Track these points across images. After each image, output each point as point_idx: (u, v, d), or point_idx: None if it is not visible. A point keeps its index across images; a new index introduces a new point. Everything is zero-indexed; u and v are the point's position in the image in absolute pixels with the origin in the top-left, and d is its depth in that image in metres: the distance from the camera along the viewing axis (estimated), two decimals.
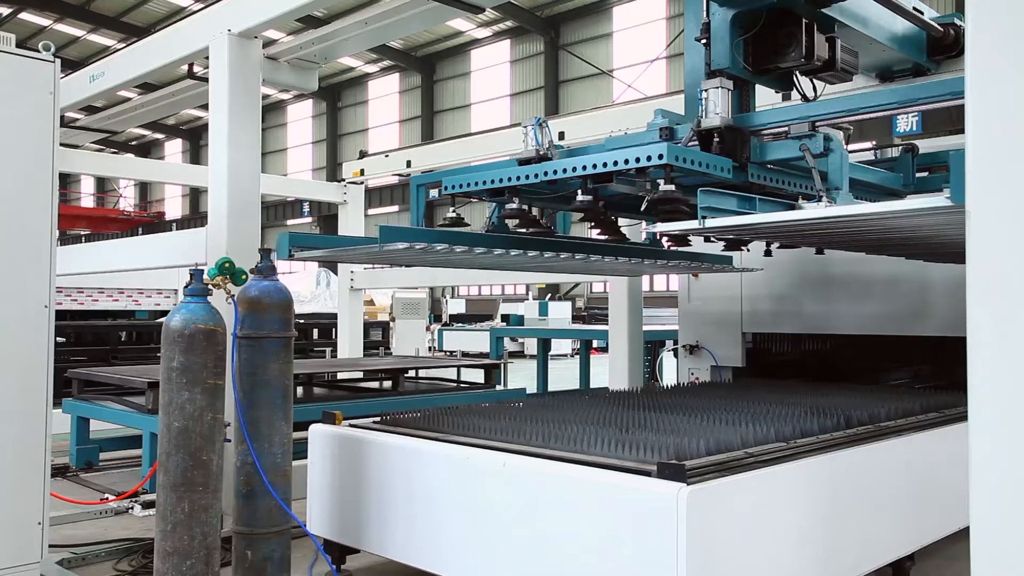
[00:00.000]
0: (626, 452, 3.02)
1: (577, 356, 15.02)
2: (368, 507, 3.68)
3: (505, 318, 25.57)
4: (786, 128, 3.54)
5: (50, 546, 3.57)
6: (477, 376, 7.84)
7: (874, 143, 4.64)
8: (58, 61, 3.51)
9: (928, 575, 4.02)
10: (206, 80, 5.14)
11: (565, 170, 3.39)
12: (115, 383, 6.35)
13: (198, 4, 12.83)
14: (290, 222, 38.91)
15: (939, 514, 3.97)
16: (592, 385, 10.74)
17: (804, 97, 4.24)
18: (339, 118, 40.04)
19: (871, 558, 3.51)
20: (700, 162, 3.25)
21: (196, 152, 44.94)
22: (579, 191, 3.44)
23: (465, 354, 20.60)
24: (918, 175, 4.47)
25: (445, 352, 23.22)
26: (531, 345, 20.44)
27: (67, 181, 37.39)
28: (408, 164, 8.61)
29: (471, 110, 34.79)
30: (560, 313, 25.15)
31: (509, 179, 3.57)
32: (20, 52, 3.41)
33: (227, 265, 3.48)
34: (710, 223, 3.19)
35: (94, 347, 9.43)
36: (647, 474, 2.77)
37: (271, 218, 38.47)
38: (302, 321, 11.21)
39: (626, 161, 3.19)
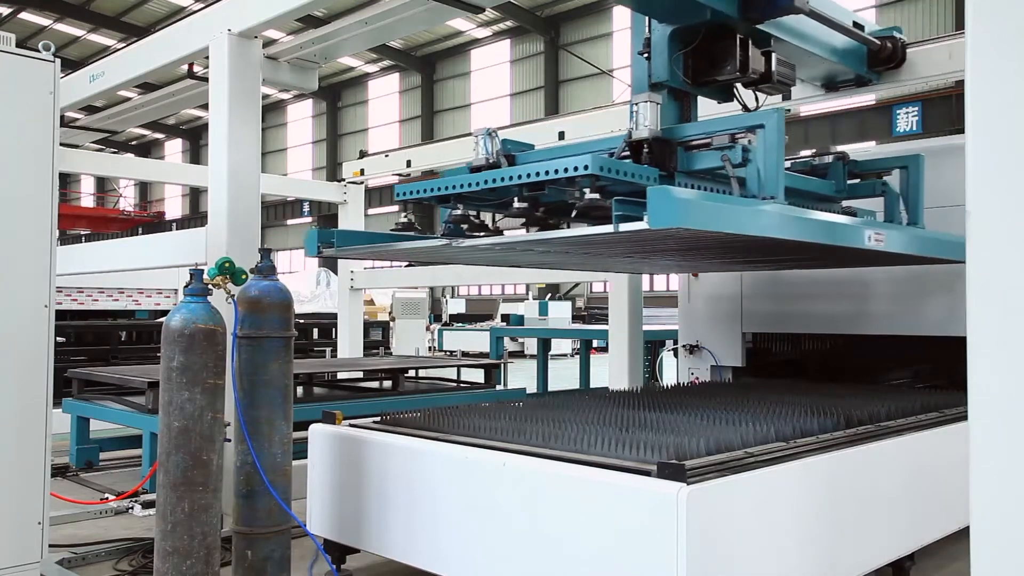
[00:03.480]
0: (626, 452, 3.02)
1: (577, 356, 15.02)
2: (368, 507, 3.68)
3: (505, 318, 25.57)
4: (709, 140, 3.73)
5: (50, 546, 3.57)
6: (477, 376, 7.84)
7: (815, 150, 4.80)
8: (58, 61, 3.51)
9: (928, 575, 4.02)
10: (206, 80, 5.13)
11: (502, 179, 3.54)
12: (115, 383, 6.35)
13: (198, 4, 12.83)
14: (290, 222, 38.92)
15: (939, 514, 3.97)
16: (592, 385, 10.75)
17: (745, 108, 4.54)
18: (339, 118, 40.04)
19: (871, 558, 3.51)
20: (624, 172, 3.41)
21: (196, 152, 44.94)
22: (515, 198, 3.64)
23: (465, 354, 20.61)
24: (851, 181, 4.70)
25: (445, 352, 23.22)
26: (531, 345, 20.44)
27: (67, 181, 37.40)
28: (408, 164, 8.60)
29: (471, 110, 34.80)
30: (560, 313, 25.16)
31: (452, 187, 3.74)
32: (20, 52, 3.41)
33: (227, 265, 3.48)
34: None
35: (94, 347, 9.43)
36: (647, 474, 2.77)
37: (271, 218, 38.48)
38: (302, 321, 11.21)
39: (556, 171, 3.35)
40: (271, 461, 3.52)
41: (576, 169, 3.27)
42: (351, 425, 3.94)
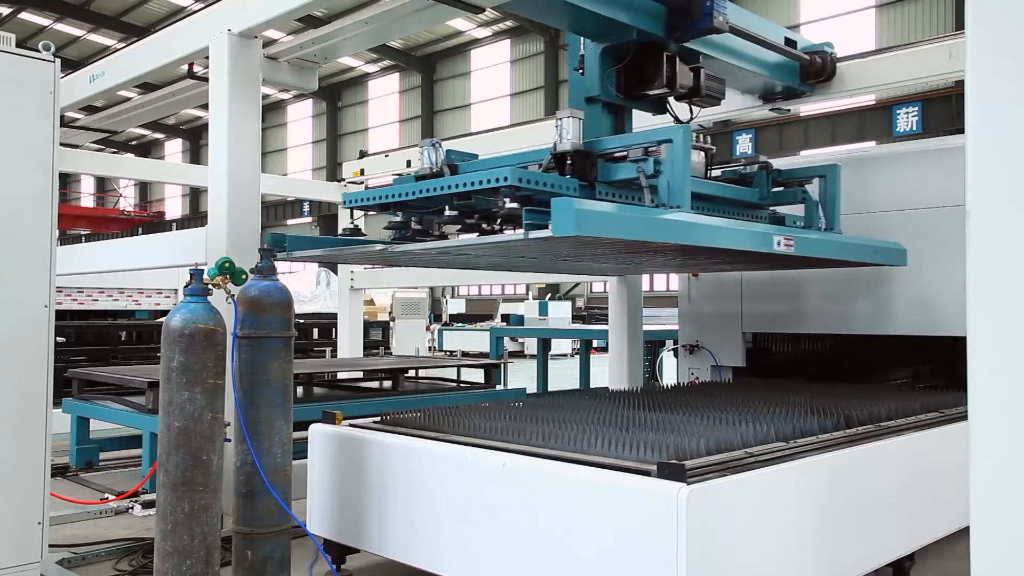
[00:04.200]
0: (626, 452, 3.02)
1: (577, 356, 15.02)
2: (368, 507, 3.68)
3: (505, 318, 25.57)
4: (626, 152, 3.99)
5: (50, 546, 3.57)
6: (477, 376, 7.84)
7: (744, 161, 5.03)
8: (58, 61, 3.51)
9: (928, 575, 4.02)
10: (206, 80, 5.13)
11: (432, 189, 3.80)
12: (115, 383, 6.35)
13: (198, 4, 12.82)
14: (290, 222, 38.91)
15: (939, 514, 3.97)
16: (592, 385, 10.75)
17: (677, 120, 4.86)
18: (339, 118, 40.03)
19: (871, 558, 3.51)
20: (541, 182, 3.65)
21: (196, 152, 44.94)
22: (446, 207, 3.93)
23: (465, 354, 20.60)
24: (776, 189, 4.95)
25: (445, 352, 23.22)
26: (531, 345, 20.44)
27: (67, 181, 37.38)
28: (408, 164, 8.60)
29: (471, 110, 34.79)
30: (560, 313, 25.16)
31: (391, 196, 4.02)
32: (20, 52, 3.41)
33: (227, 265, 3.48)
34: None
35: (94, 347, 9.43)
36: (647, 474, 2.77)
37: (271, 218, 38.47)
38: (302, 321, 11.21)
39: (479, 183, 3.60)
40: (271, 461, 3.52)
41: (497, 180, 3.53)
42: (351, 425, 3.94)
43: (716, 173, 4.92)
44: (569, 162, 3.92)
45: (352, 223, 4.44)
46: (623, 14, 4.28)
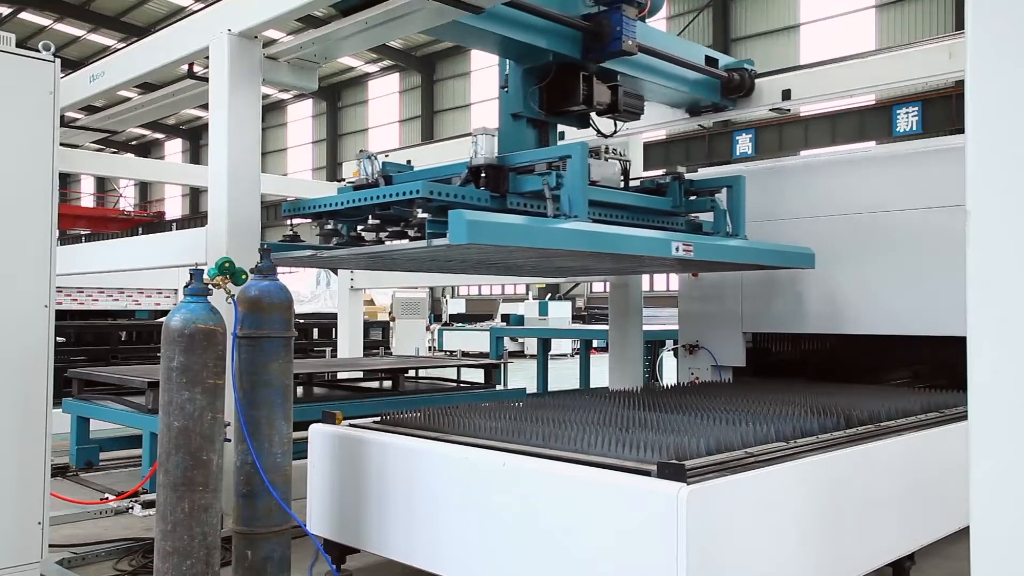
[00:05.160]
0: (626, 452, 3.02)
1: (577, 356, 15.01)
2: (368, 507, 3.68)
3: (505, 318, 25.58)
4: (533, 166, 4.37)
5: (50, 546, 3.57)
6: (477, 376, 7.84)
7: (665, 170, 5.34)
8: (58, 61, 3.51)
9: (928, 575, 4.02)
10: (206, 80, 5.13)
11: (354, 200, 4.24)
12: (115, 383, 6.35)
13: (198, 4, 12.82)
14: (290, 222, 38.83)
15: (939, 514, 3.97)
16: (592, 385, 10.74)
17: (600, 133, 5.39)
18: (339, 118, 40.03)
19: (871, 558, 3.51)
20: (453, 194, 4.09)
21: (196, 152, 44.92)
22: (369, 216, 4.30)
23: (465, 354, 20.61)
24: (690, 198, 5.32)
25: (445, 352, 23.22)
26: (531, 345, 20.44)
27: (67, 181, 37.38)
28: (408, 163, 8.59)
29: (471, 110, 34.77)
30: (560, 313, 25.15)
31: (322, 206, 4.44)
32: (20, 52, 3.41)
33: (227, 265, 3.48)
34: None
35: (94, 347, 9.42)
36: (647, 474, 2.77)
37: (271, 218, 38.42)
38: (302, 321, 11.21)
39: (396, 195, 4.04)
40: (271, 461, 3.52)
41: (410, 193, 3.96)
42: (351, 425, 3.94)
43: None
44: (483, 175, 4.31)
45: (292, 230, 4.73)
46: (540, 39, 4.70)
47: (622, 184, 5.02)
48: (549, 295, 28.83)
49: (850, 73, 5.99)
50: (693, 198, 5.30)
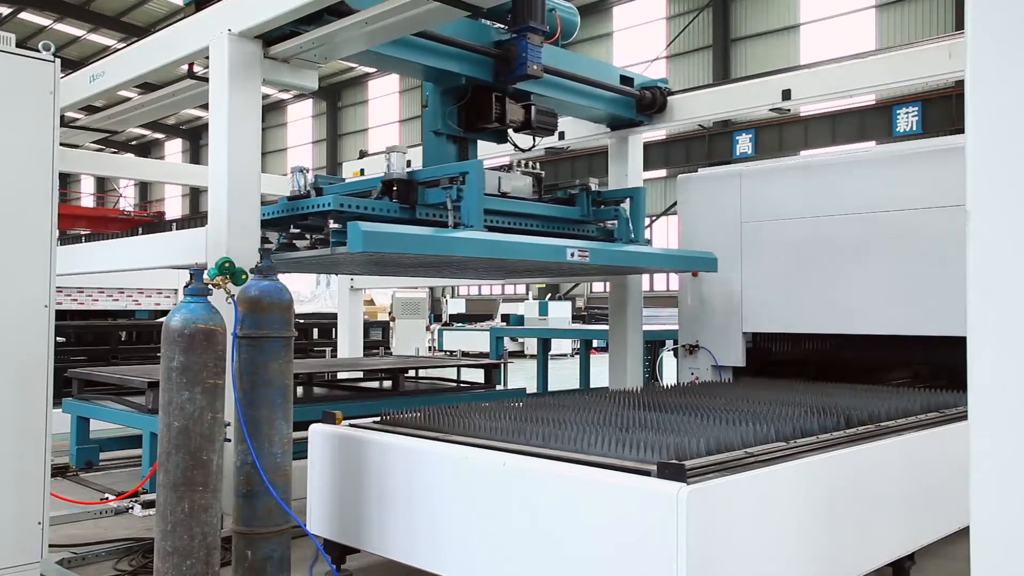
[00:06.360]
0: (626, 452, 3.02)
1: (577, 356, 15.00)
2: (368, 507, 3.68)
3: (505, 318, 25.56)
4: (438, 181, 4.87)
5: (50, 546, 3.57)
6: (477, 376, 7.84)
7: (579, 181, 5.81)
8: (58, 61, 3.51)
9: (928, 575, 4.02)
10: (206, 80, 5.13)
11: (274, 212, 4.82)
12: (115, 383, 6.35)
13: None
14: None
15: (939, 514, 3.97)
16: (592, 385, 10.74)
17: (517, 148, 6.02)
18: (339, 118, 40.03)
19: (871, 558, 3.51)
20: (362, 206, 4.60)
21: (196, 152, 44.91)
22: (291, 225, 4.83)
23: (465, 354, 20.60)
24: (600, 207, 5.86)
25: (445, 352, 23.21)
26: (531, 345, 20.43)
27: (67, 181, 37.37)
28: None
29: None
30: (560, 313, 25.14)
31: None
32: (20, 52, 3.41)
33: (227, 265, 3.47)
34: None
35: (94, 347, 9.42)
36: (647, 474, 2.77)
37: None
38: (302, 321, 11.20)
39: (309, 207, 4.59)
40: (271, 461, 3.52)
41: (322, 206, 4.49)
42: (351, 425, 3.94)
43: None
44: (396, 188, 4.82)
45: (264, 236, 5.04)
46: (454, 65, 5.25)
47: (535, 196, 5.55)
48: (549, 295, 28.83)
49: (850, 73, 5.99)
50: (602, 207, 5.85)
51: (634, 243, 5.79)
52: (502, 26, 5.51)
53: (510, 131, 5.71)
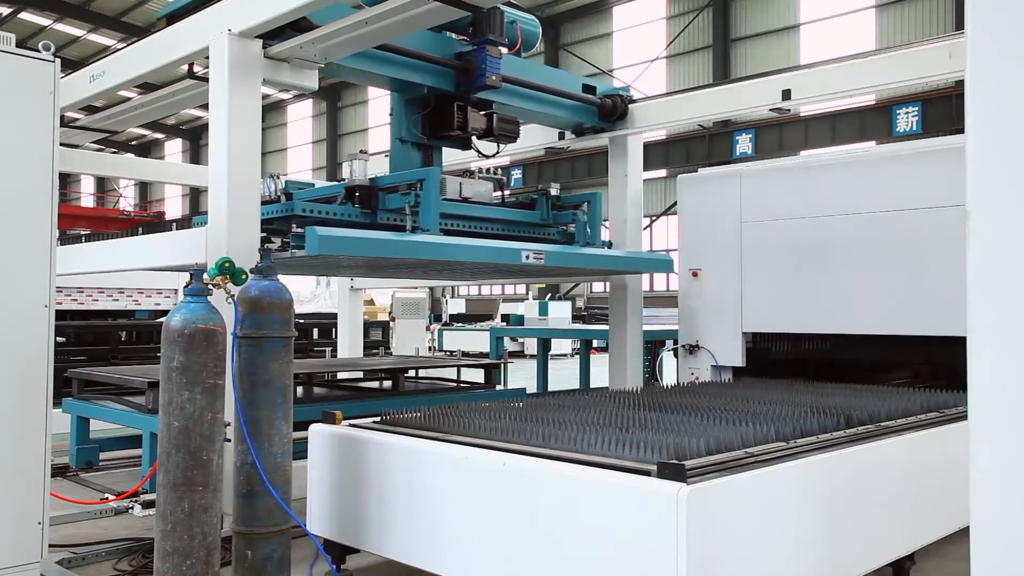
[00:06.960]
0: (626, 452, 3.02)
1: (577, 356, 15.00)
2: (368, 507, 3.68)
3: (505, 318, 25.56)
4: (397, 187, 5.11)
5: (50, 546, 3.57)
6: (477, 376, 7.84)
7: (540, 186, 6.09)
8: (58, 61, 3.51)
9: (928, 575, 4.02)
10: (206, 80, 5.13)
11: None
12: (115, 383, 6.35)
13: None
14: None
15: (939, 514, 3.97)
16: (592, 385, 10.73)
17: (481, 154, 6.22)
18: (339, 118, 40.01)
19: (871, 558, 3.51)
20: (323, 211, 4.89)
21: (196, 152, 44.90)
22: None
23: (465, 354, 20.59)
24: (559, 211, 6.15)
25: (445, 352, 23.21)
26: (531, 345, 20.42)
27: (67, 181, 37.36)
28: None
29: None
30: (560, 313, 25.14)
31: None
32: (20, 52, 3.41)
33: (227, 265, 3.47)
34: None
35: (94, 347, 9.41)
36: (647, 474, 2.77)
37: None
38: (302, 321, 11.19)
39: (272, 212, 4.89)
40: (271, 461, 3.52)
41: (284, 212, 4.78)
42: (351, 425, 3.94)
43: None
44: (358, 194, 5.05)
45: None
46: (417, 76, 5.48)
47: (497, 200, 5.76)
48: (549, 295, 28.84)
49: (850, 73, 5.99)
50: (561, 212, 6.11)
51: (590, 246, 6.05)
52: (463, 38, 5.75)
53: (473, 138, 5.94)
